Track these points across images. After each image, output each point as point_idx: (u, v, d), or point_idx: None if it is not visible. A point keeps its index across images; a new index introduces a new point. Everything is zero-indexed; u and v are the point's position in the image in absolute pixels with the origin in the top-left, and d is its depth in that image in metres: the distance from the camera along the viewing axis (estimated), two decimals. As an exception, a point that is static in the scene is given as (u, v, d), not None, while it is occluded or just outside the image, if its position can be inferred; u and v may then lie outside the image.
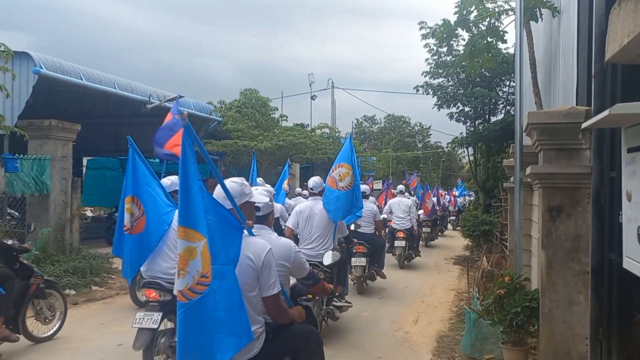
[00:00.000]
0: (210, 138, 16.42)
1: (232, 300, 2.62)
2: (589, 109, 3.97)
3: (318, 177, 6.94)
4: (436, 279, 10.35)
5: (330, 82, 35.03)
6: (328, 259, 5.75)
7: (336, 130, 26.66)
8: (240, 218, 2.94)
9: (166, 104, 13.82)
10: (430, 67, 14.93)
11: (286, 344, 3.14)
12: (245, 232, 2.99)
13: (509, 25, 7.86)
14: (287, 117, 19.22)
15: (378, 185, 24.30)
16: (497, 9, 7.90)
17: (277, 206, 7.59)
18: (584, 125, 3.59)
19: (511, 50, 12.66)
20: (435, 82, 15.17)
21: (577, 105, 4.41)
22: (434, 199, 17.33)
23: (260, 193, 3.46)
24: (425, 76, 15.13)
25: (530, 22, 6.41)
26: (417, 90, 15.34)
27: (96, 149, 18.06)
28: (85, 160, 20.70)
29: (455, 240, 17.58)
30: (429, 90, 14.96)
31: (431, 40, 12.15)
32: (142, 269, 4.91)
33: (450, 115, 15.29)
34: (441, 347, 5.80)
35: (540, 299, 4.31)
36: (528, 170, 4.59)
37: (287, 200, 10.22)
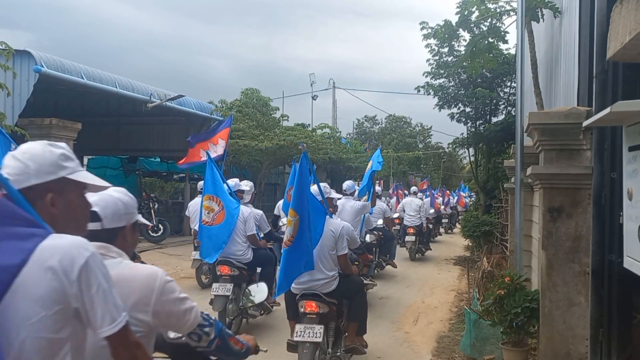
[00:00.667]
0: (210, 137, 16.37)
1: (309, 252, 4.38)
2: (590, 109, 3.96)
3: (350, 180, 8.66)
4: (436, 280, 10.33)
5: (331, 82, 35.12)
6: (368, 239, 7.60)
7: (337, 130, 26.62)
8: (325, 207, 4.79)
9: (167, 103, 13.83)
10: (432, 68, 14.89)
11: (349, 286, 4.80)
12: (328, 216, 4.76)
13: (510, 26, 7.87)
14: (288, 117, 19.20)
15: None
16: (498, 10, 7.90)
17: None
18: (585, 124, 3.59)
19: (512, 51, 12.64)
20: (437, 82, 15.11)
21: (578, 105, 4.40)
22: (440, 199, 20.12)
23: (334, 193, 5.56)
24: (426, 76, 15.10)
25: (532, 22, 6.39)
26: (418, 91, 15.29)
27: (97, 147, 18.02)
28: (86, 159, 20.66)
29: (457, 239, 17.75)
30: (430, 90, 14.89)
31: (432, 41, 12.24)
32: None
33: (451, 116, 15.25)
34: (441, 348, 5.80)
35: (541, 300, 4.30)
36: (529, 171, 4.58)
37: None
